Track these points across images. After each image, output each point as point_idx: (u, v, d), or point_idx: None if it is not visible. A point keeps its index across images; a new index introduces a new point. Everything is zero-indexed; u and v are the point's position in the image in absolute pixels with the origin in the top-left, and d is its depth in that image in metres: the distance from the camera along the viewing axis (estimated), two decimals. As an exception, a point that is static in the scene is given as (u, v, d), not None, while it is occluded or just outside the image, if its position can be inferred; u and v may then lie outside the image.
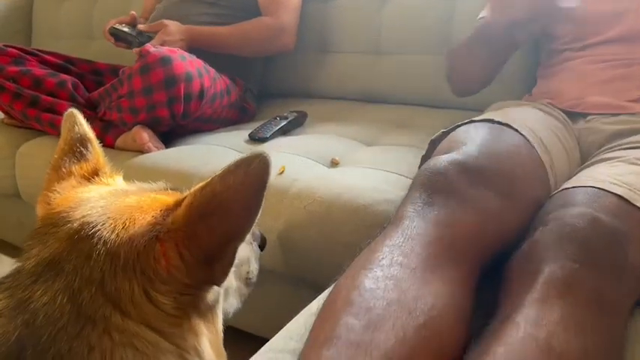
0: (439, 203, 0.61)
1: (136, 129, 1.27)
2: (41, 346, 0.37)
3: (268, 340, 0.60)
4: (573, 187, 0.68)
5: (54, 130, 1.35)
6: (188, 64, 1.26)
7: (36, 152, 1.39)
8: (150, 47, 1.24)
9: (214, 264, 0.43)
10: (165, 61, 1.21)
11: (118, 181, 0.54)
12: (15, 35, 2.30)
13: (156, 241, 0.41)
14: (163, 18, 1.51)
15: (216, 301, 0.48)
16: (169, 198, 0.45)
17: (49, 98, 1.35)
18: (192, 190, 0.42)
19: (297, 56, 1.64)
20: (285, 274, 1.02)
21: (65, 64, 1.50)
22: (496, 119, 0.81)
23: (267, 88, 1.70)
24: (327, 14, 1.65)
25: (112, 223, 0.42)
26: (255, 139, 1.28)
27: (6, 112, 1.46)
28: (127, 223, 0.42)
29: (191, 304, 0.44)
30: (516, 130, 0.78)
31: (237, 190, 0.40)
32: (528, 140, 0.77)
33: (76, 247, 0.41)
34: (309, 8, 1.63)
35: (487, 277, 0.60)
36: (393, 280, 0.50)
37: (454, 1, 1.46)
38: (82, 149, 0.53)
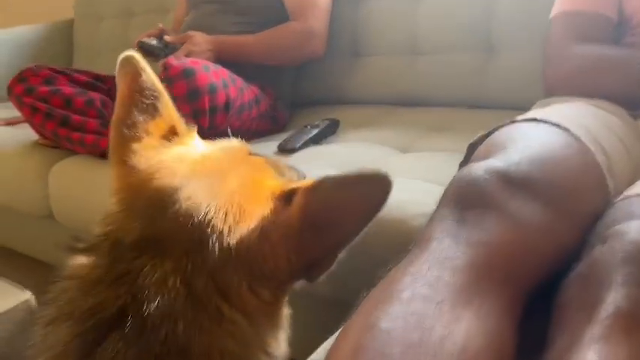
0: (474, 220, 0.52)
1: (162, 145, 1.23)
2: (151, 321, 0.37)
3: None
4: (637, 194, 0.58)
5: (83, 148, 1.34)
6: (212, 74, 1.21)
7: (69, 172, 1.37)
8: (172, 59, 1.21)
9: (316, 267, 0.44)
10: (187, 73, 1.17)
11: (196, 141, 0.51)
12: (57, 55, 2.35)
13: (266, 241, 0.41)
14: (191, 29, 1.48)
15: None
16: (272, 182, 0.45)
17: (79, 117, 1.34)
18: (303, 188, 0.42)
19: (329, 62, 1.58)
20: (309, 291, 0.95)
21: (95, 82, 1.49)
22: (541, 118, 0.70)
23: (300, 96, 1.63)
24: (359, 16, 1.57)
25: (223, 214, 0.41)
26: (284, 150, 1.22)
27: (40, 133, 1.46)
28: (238, 216, 0.41)
29: (284, 295, 0.45)
30: (566, 129, 0.67)
31: (356, 209, 0.41)
32: (581, 140, 0.66)
33: (187, 232, 0.40)
34: (340, 11, 1.56)
35: (535, 306, 0.51)
36: (415, 316, 0.42)
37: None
38: (154, 102, 0.49)
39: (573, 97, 0.86)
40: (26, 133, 1.49)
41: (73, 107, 1.35)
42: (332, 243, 0.43)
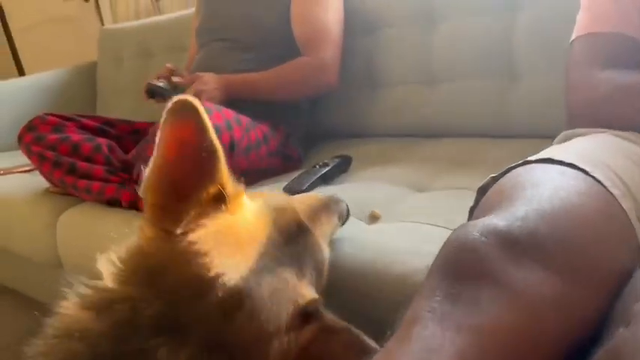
0: (467, 295, 0.43)
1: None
2: None
3: None
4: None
5: (89, 196, 1.30)
6: (214, 116, 1.17)
7: (75, 220, 1.34)
8: (173, 102, 1.17)
9: None
10: (188, 115, 1.12)
11: (244, 207, 0.48)
12: (81, 99, 2.38)
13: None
14: (200, 68, 1.46)
15: None
16: (299, 292, 0.48)
17: (86, 164, 1.31)
18: (322, 323, 0.49)
19: (344, 94, 1.51)
20: None
21: (103, 127, 1.47)
22: (557, 158, 0.61)
23: (315, 131, 1.57)
24: (373, 47, 1.51)
25: (247, 321, 0.41)
26: (290, 191, 1.15)
27: (49, 181, 1.44)
28: (258, 333, 0.42)
29: None
30: (584, 171, 0.58)
31: None
32: (602, 183, 0.57)
33: (211, 327, 0.40)
34: (352, 42, 1.50)
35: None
36: None
37: (512, 18, 1.27)
38: (210, 166, 0.45)
39: (597, 127, 0.77)
40: (38, 180, 1.47)
41: (80, 154, 1.33)
42: None
